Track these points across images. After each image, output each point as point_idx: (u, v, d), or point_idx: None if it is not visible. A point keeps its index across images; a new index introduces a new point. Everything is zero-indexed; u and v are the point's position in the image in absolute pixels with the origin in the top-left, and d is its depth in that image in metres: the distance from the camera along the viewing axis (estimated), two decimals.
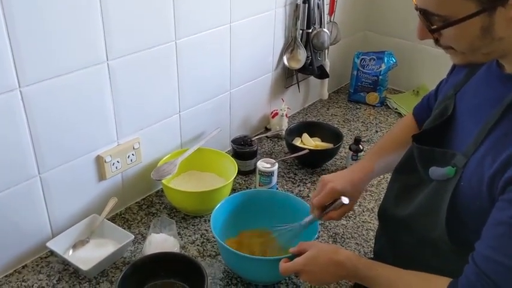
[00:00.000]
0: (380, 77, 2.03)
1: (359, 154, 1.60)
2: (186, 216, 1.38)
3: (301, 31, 1.74)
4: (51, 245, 1.18)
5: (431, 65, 2.06)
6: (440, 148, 0.90)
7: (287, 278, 1.17)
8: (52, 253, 1.21)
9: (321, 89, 2.03)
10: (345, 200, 1.05)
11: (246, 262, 1.10)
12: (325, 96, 2.05)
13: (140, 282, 1.08)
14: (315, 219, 1.09)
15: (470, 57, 0.79)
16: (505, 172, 0.74)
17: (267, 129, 1.85)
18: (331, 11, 1.88)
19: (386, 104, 2.10)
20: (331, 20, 1.89)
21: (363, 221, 1.38)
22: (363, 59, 2.05)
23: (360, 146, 1.60)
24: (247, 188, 1.52)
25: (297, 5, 1.70)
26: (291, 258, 1.00)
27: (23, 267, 1.18)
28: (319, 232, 1.32)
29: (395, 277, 0.87)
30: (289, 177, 1.57)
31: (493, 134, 0.80)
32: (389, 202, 1.03)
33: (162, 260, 1.10)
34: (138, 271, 1.07)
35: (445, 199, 0.84)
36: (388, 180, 1.09)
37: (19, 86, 1.03)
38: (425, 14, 0.77)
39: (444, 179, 0.85)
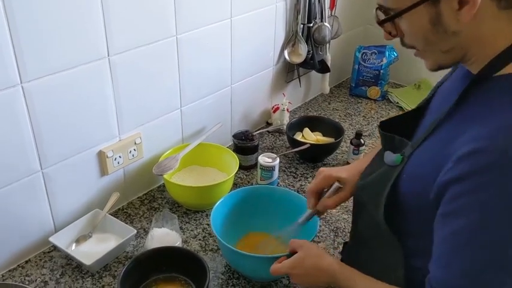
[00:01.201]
0: (381, 71, 2.03)
1: (360, 148, 1.60)
2: (188, 210, 1.39)
3: (302, 25, 1.74)
4: (54, 239, 1.18)
5: None
6: (403, 135, 0.87)
7: None
8: (55, 248, 1.22)
9: (322, 83, 2.03)
10: (340, 184, 1.04)
11: (244, 259, 1.10)
12: (327, 90, 2.04)
13: (143, 277, 1.09)
14: (312, 214, 1.09)
15: (433, 56, 0.78)
16: (437, 176, 0.72)
17: (268, 124, 1.85)
18: (332, 5, 1.88)
19: (388, 98, 2.10)
20: (332, 14, 1.89)
21: None
22: (364, 53, 2.05)
23: (361, 140, 1.60)
24: (248, 182, 1.52)
25: None
26: (288, 256, 1.00)
27: (26, 262, 1.19)
28: (320, 226, 1.33)
29: None
30: (290, 172, 1.58)
31: (437, 132, 0.78)
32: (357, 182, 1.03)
33: (165, 254, 1.11)
34: (141, 265, 1.08)
35: (388, 185, 0.83)
36: None
37: (21, 82, 1.03)
38: (380, 10, 0.77)
39: (392, 165, 0.85)
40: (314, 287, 0.98)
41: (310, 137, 1.69)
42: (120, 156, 1.31)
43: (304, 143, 1.58)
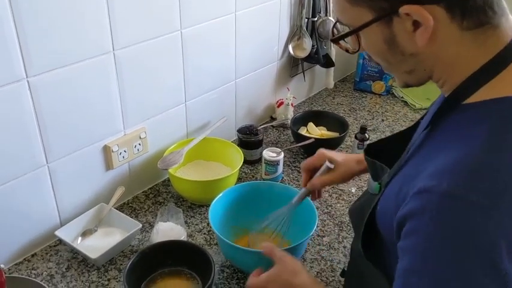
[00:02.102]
0: None
1: (365, 143, 1.60)
2: (193, 205, 1.39)
3: (306, 20, 1.74)
4: (60, 233, 1.19)
5: None
6: (389, 161, 0.80)
7: None
8: (61, 242, 1.23)
9: (326, 77, 2.02)
10: (330, 164, 1.03)
11: (237, 253, 1.10)
12: (331, 85, 2.04)
13: (148, 270, 1.10)
14: (304, 193, 1.08)
15: (397, 74, 0.74)
16: (398, 210, 0.67)
17: (273, 119, 1.85)
18: None
19: (393, 93, 2.09)
20: None
21: None
22: None
23: (366, 134, 1.60)
24: (253, 177, 1.52)
25: None
26: (267, 265, 0.95)
27: (33, 255, 1.20)
28: (324, 221, 1.33)
29: None
30: (295, 166, 1.58)
31: (410, 161, 0.72)
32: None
33: (170, 248, 1.11)
34: (146, 259, 1.08)
35: (366, 215, 0.79)
36: None
37: (26, 76, 1.03)
38: (338, 24, 0.74)
39: (373, 192, 0.82)
40: None
41: (314, 131, 1.69)
42: (125, 151, 1.31)
43: (308, 138, 1.58)
